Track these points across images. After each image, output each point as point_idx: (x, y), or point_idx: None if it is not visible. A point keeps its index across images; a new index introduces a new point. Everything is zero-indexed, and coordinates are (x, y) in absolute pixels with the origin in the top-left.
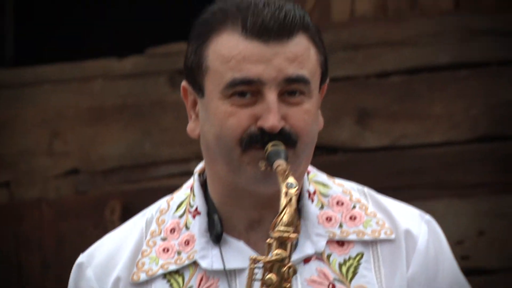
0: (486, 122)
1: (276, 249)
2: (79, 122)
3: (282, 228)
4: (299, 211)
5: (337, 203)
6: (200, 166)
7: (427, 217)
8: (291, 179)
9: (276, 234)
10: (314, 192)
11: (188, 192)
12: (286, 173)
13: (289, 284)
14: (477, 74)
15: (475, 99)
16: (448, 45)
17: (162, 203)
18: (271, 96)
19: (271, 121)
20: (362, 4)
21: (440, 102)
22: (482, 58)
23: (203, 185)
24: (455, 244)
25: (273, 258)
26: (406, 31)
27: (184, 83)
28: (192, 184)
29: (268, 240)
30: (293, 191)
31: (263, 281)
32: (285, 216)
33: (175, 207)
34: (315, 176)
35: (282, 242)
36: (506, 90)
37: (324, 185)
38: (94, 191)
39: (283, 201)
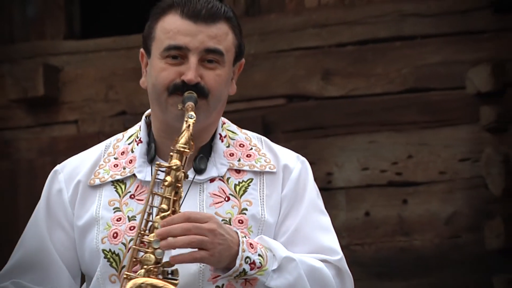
0: (413, 78)
1: (175, 159)
2: (126, 78)
3: (180, 145)
4: (211, 147)
5: (240, 145)
6: (147, 112)
7: (302, 158)
8: (192, 113)
9: (176, 148)
10: (225, 136)
11: (138, 128)
12: (191, 109)
13: (181, 185)
14: (407, 44)
15: (406, 62)
16: (387, 23)
17: (119, 135)
18: (193, 59)
19: (189, 75)
20: None
21: (381, 64)
22: (411, 33)
23: (149, 124)
24: (391, 164)
25: (172, 164)
26: (357, 14)
27: (141, 50)
28: (140, 124)
29: (170, 153)
30: (191, 120)
31: (163, 181)
32: (183, 138)
33: (127, 137)
34: (229, 126)
35: (180, 155)
36: (427, 56)
37: (233, 132)
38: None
39: (184, 125)
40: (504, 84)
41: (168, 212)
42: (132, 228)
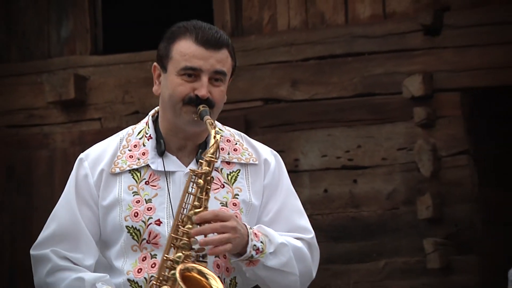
0: (361, 86)
1: (205, 166)
2: (139, 85)
3: (209, 155)
4: (206, 143)
5: (227, 140)
6: (152, 112)
7: (275, 152)
8: (218, 129)
9: (207, 158)
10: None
11: (144, 125)
12: (214, 124)
13: (209, 187)
14: (357, 59)
15: (356, 73)
16: (341, 43)
17: (128, 129)
18: (205, 78)
19: (203, 91)
20: (294, 21)
21: (336, 75)
22: (360, 50)
23: (154, 122)
24: (344, 152)
25: (203, 171)
26: (318, 36)
27: (155, 63)
28: (147, 121)
29: (200, 160)
30: (218, 136)
31: (196, 183)
32: (212, 149)
33: (137, 132)
34: (216, 125)
35: (209, 163)
36: (372, 68)
37: (220, 129)
38: None
39: (213, 140)
40: (432, 90)
41: (201, 209)
42: (149, 209)
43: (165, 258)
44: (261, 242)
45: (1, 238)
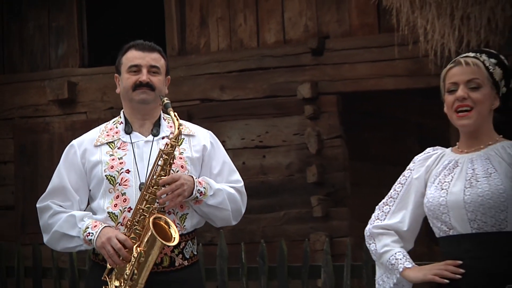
0: (269, 90)
1: (169, 148)
2: (113, 89)
3: (173, 140)
4: (159, 121)
5: (173, 122)
6: (122, 109)
7: (210, 131)
8: (176, 114)
9: (172, 142)
10: (165, 118)
11: (118, 117)
12: (177, 117)
13: (172, 162)
14: (266, 72)
15: (265, 81)
16: (255, 60)
17: (106, 123)
18: (144, 70)
19: (144, 77)
20: (222, 45)
21: (251, 82)
22: (268, 65)
23: (124, 113)
24: (257, 136)
25: (169, 150)
26: (239, 55)
27: (115, 74)
28: (120, 115)
29: (167, 142)
30: (182, 127)
31: (162, 158)
32: (176, 136)
33: (112, 122)
34: (165, 115)
35: (172, 145)
36: (276, 78)
37: (170, 117)
38: None
39: (177, 131)
40: (317, 93)
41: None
42: (121, 162)
43: (138, 207)
44: (204, 188)
45: (16, 197)
